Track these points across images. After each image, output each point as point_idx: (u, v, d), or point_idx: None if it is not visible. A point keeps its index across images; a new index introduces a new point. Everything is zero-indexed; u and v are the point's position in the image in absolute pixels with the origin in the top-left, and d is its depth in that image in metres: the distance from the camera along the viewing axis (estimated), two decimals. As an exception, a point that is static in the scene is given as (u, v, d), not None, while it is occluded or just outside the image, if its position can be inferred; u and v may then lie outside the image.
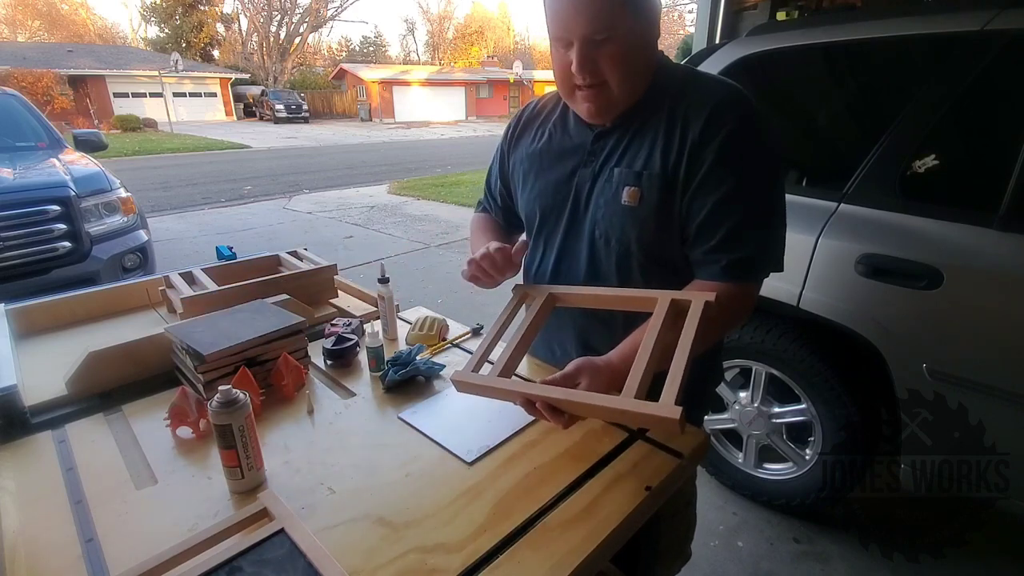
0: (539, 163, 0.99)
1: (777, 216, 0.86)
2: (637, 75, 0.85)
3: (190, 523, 0.71)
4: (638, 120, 0.88)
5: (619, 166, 0.88)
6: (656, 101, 0.87)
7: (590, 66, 0.81)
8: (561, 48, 0.83)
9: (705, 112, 0.82)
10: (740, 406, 1.88)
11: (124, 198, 3.29)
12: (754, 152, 0.83)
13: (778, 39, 1.81)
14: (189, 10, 33.42)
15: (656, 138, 0.86)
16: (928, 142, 1.47)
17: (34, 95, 17.20)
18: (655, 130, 0.86)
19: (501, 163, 1.11)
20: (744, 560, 1.72)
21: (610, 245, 0.91)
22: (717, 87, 0.86)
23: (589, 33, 0.79)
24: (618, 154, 0.89)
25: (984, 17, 1.37)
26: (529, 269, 1.06)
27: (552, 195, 0.97)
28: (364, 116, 29.07)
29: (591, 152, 0.92)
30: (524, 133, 1.04)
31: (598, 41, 0.79)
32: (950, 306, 1.36)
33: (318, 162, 12.47)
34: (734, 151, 0.81)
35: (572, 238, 0.96)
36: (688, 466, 0.81)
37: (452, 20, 51.66)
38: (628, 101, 0.87)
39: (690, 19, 33.50)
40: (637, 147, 0.87)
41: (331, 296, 1.43)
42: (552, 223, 0.98)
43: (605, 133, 0.91)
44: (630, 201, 0.86)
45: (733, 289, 0.83)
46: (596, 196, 0.91)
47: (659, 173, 0.84)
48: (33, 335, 1.25)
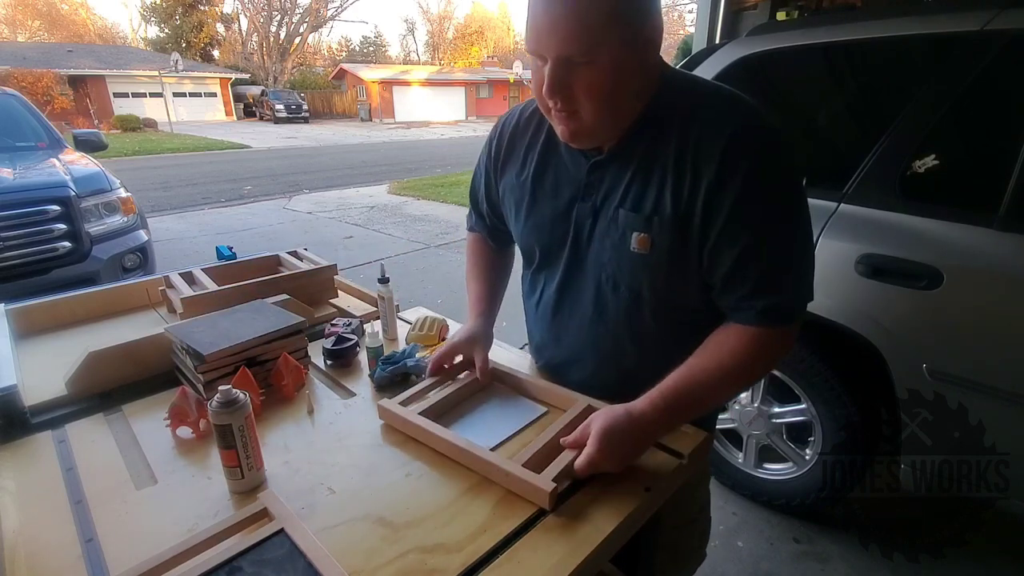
0: (532, 194, 0.89)
1: (807, 253, 0.79)
2: (619, 106, 0.73)
3: (190, 523, 0.71)
4: (639, 151, 0.77)
5: (623, 206, 0.79)
6: (659, 128, 0.76)
7: (563, 91, 0.70)
8: (538, 61, 0.72)
9: (719, 147, 0.71)
10: (740, 406, 1.88)
11: (124, 198, 3.29)
12: (778, 189, 0.74)
13: (778, 39, 1.81)
14: (189, 10, 33.43)
15: (664, 176, 0.75)
16: (928, 142, 1.47)
17: (34, 95, 17.19)
18: (662, 166, 0.75)
19: (487, 184, 1.00)
20: (744, 560, 1.72)
21: (619, 291, 0.84)
22: (729, 113, 0.74)
23: (564, 54, 0.67)
24: (621, 191, 0.79)
25: (984, 17, 1.37)
26: (528, 301, 1.01)
27: (549, 231, 0.88)
28: (364, 116, 29.08)
29: (588, 184, 0.82)
30: (511, 156, 0.93)
31: (576, 63, 0.68)
32: (950, 306, 1.36)
33: (318, 162, 12.47)
34: (756, 193, 0.71)
35: (575, 276, 0.89)
36: (688, 466, 0.81)
37: (452, 20, 51.71)
38: (609, 131, 0.77)
39: (690, 19, 33.52)
40: (642, 185, 0.77)
41: (331, 296, 1.43)
42: (552, 259, 0.91)
43: (601, 164, 0.81)
44: (640, 248, 0.78)
45: (771, 333, 0.77)
46: (600, 237, 0.82)
47: (671, 217, 0.75)
48: (33, 335, 1.25)
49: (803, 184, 0.78)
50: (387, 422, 0.90)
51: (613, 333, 0.87)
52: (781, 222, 0.74)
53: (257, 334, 1.00)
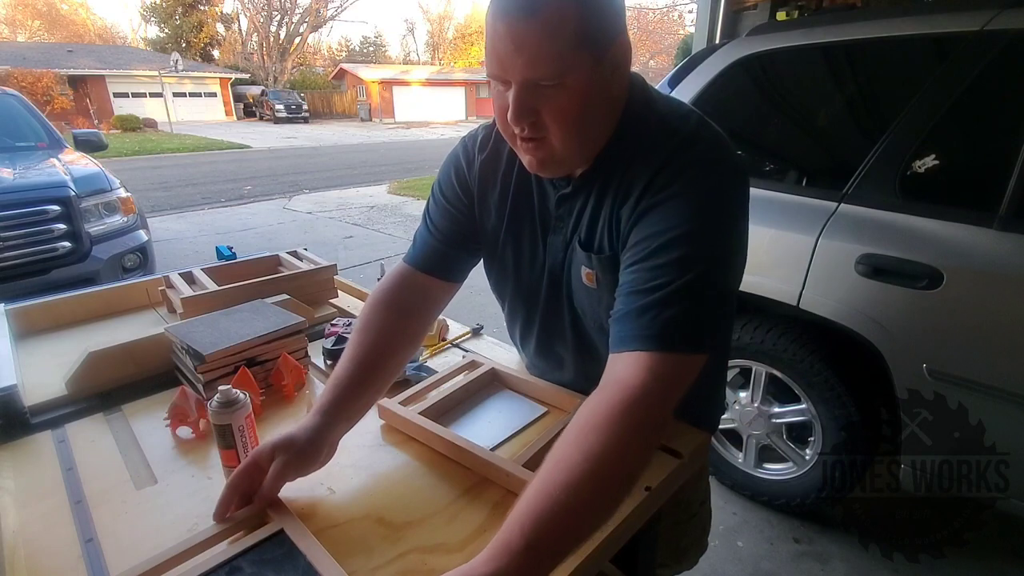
0: (508, 225, 0.85)
1: (719, 288, 0.66)
2: (589, 131, 0.69)
3: (190, 523, 0.71)
4: (598, 184, 0.74)
5: (577, 242, 0.78)
6: (616, 157, 0.72)
7: (529, 117, 0.65)
8: (500, 87, 0.66)
9: (648, 175, 0.67)
10: (740, 406, 1.88)
11: (124, 198, 3.29)
12: (689, 212, 0.65)
13: (778, 39, 1.81)
14: (189, 10, 33.45)
15: (611, 212, 0.73)
16: (928, 142, 1.47)
17: (34, 95, 17.21)
18: (609, 201, 0.73)
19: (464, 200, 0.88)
20: (744, 560, 1.72)
21: (586, 319, 0.84)
22: (664, 143, 0.68)
23: (530, 77, 0.62)
24: (579, 225, 0.78)
25: (984, 17, 1.37)
26: (512, 335, 1.00)
27: (529, 266, 0.86)
28: (364, 116, 29.09)
29: (558, 217, 0.80)
30: (488, 185, 0.86)
31: (543, 87, 0.63)
32: (950, 306, 1.36)
33: (318, 162, 12.48)
34: (666, 212, 0.66)
35: (554, 309, 0.87)
36: (688, 466, 0.81)
37: (452, 20, 51.73)
38: (578, 158, 0.72)
39: (690, 19, 33.48)
40: (592, 221, 0.76)
41: (331, 296, 1.43)
42: (532, 292, 0.88)
43: (568, 196, 0.78)
44: (588, 283, 0.78)
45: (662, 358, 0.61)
46: (570, 269, 0.81)
47: (608, 255, 0.73)
48: (33, 335, 1.25)
49: (730, 212, 0.68)
50: (387, 422, 0.90)
51: (595, 359, 0.86)
52: (682, 246, 0.64)
53: (257, 334, 1.00)
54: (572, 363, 0.92)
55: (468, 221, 0.89)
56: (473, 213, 0.89)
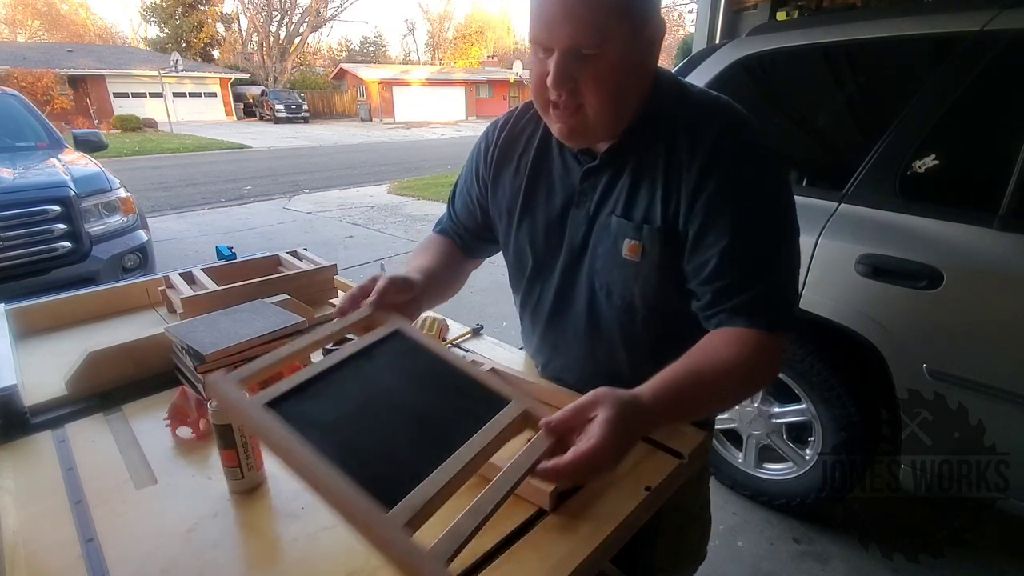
0: (525, 201, 0.88)
1: (791, 261, 0.75)
2: (623, 103, 0.73)
3: (190, 523, 0.71)
4: (633, 158, 0.78)
5: (615, 213, 0.79)
6: (651, 134, 0.76)
7: (568, 83, 0.69)
8: (540, 53, 0.70)
9: (701, 155, 0.72)
10: (740, 406, 1.88)
11: (124, 198, 3.30)
12: (756, 194, 0.73)
13: (778, 39, 1.81)
14: (189, 10, 33.47)
15: (654, 184, 0.76)
16: (928, 142, 1.47)
17: (34, 95, 17.21)
18: (652, 174, 0.76)
19: (478, 186, 0.96)
20: (744, 560, 1.72)
21: (611, 298, 0.83)
22: (713, 121, 0.74)
23: (574, 44, 0.66)
24: (613, 198, 0.79)
25: (984, 17, 1.37)
26: (523, 310, 0.98)
27: (544, 239, 0.88)
28: (364, 116, 29.09)
29: (582, 192, 0.82)
30: (505, 161, 0.91)
31: (584, 55, 0.67)
32: (950, 306, 1.36)
33: (318, 162, 12.48)
34: (734, 197, 0.71)
35: (568, 285, 0.88)
36: (688, 466, 0.81)
37: (452, 20, 51.74)
38: (610, 129, 0.75)
39: (690, 19, 33.53)
40: (633, 192, 0.78)
41: (331, 296, 1.43)
42: (546, 268, 0.89)
43: (595, 170, 0.81)
44: (631, 255, 0.78)
45: (758, 337, 0.71)
46: (594, 244, 0.82)
47: (660, 226, 0.75)
48: (33, 335, 1.25)
49: (789, 194, 0.76)
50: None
51: (607, 340, 0.86)
52: (761, 226, 0.73)
53: (257, 334, 1.00)
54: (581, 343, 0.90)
55: (483, 212, 0.96)
56: (487, 202, 0.95)
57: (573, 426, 0.59)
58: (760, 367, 0.73)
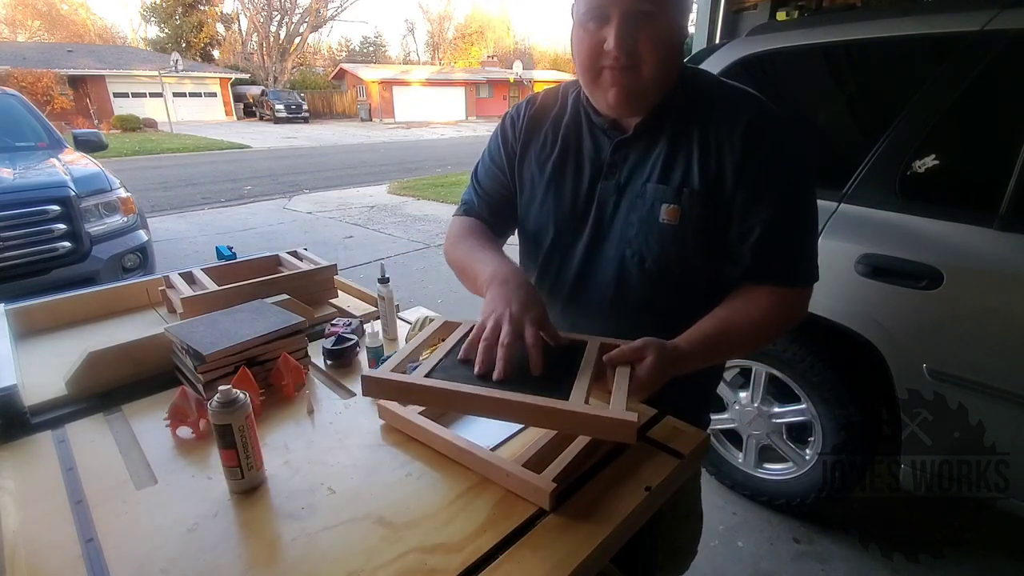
0: (552, 174, 0.92)
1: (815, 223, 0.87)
2: (672, 64, 0.80)
3: (190, 523, 0.71)
4: (665, 131, 0.83)
5: (651, 181, 0.83)
6: (682, 109, 0.83)
7: (628, 44, 0.74)
8: (592, 25, 0.76)
9: (740, 130, 0.79)
10: (740, 406, 1.88)
11: (124, 198, 3.30)
12: (795, 167, 0.82)
13: (778, 39, 1.81)
14: (189, 10, 33.48)
15: (691, 152, 0.81)
16: (928, 142, 1.47)
17: (34, 95, 17.23)
18: (688, 144, 0.82)
19: (506, 158, 0.99)
20: (744, 560, 1.72)
21: (645, 265, 0.86)
22: (744, 101, 0.82)
23: (634, 7, 0.73)
24: (649, 166, 0.84)
25: (984, 17, 1.37)
26: (542, 286, 0.99)
27: (570, 210, 0.91)
28: (364, 116, 29.09)
29: (611, 164, 0.87)
30: (533, 134, 0.95)
31: (641, 15, 0.73)
32: (950, 306, 1.36)
33: (318, 162, 12.48)
34: (778, 171, 0.80)
35: (595, 255, 0.90)
36: (688, 466, 0.81)
37: (452, 20, 51.74)
38: (656, 93, 0.81)
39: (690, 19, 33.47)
40: (671, 160, 0.83)
41: (331, 296, 1.43)
42: (569, 239, 0.92)
43: (626, 143, 0.86)
44: (669, 219, 0.82)
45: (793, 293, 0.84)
46: (625, 213, 0.86)
47: (699, 190, 0.81)
48: (33, 335, 1.25)
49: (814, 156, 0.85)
50: (387, 422, 0.90)
51: (634, 311, 0.89)
52: (798, 195, 0.82)
53: (257, 334, 1.00)
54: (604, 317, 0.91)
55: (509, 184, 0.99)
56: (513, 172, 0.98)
57: (630, 360, 0.75)
58: (793, 315, 0.86)
